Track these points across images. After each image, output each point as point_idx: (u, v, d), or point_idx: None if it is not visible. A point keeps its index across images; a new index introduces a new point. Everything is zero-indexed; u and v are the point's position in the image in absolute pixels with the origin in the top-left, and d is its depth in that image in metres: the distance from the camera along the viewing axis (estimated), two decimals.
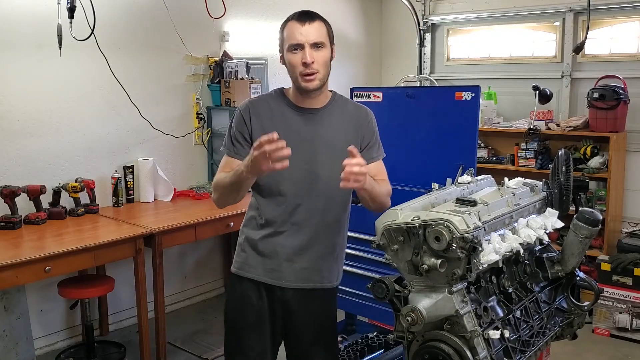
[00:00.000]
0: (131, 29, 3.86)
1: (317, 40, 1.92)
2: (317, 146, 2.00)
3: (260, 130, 1.95)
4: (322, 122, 2.02)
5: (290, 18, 1.97)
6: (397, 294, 1.66)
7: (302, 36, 1.91)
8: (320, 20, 1.96)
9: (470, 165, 2.78)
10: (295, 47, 1.92)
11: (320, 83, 1.95)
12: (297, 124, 2.01)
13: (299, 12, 1.97)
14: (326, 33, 1.96)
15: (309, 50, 1.91)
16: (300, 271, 2.04)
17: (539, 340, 1.82)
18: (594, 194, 4.33)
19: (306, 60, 1.90)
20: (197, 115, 4.28)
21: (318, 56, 1.92)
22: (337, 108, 2.06)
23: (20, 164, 3.43)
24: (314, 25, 1.93)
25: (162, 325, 3.45)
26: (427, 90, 4.66)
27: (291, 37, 1.93)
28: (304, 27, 1.91)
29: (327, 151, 1.99)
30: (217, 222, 3.67)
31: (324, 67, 1.95)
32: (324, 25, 1.97)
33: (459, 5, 5.30)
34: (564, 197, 2.01)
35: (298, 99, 2.02)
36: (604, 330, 3.94)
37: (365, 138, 2.07)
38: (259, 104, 2.06)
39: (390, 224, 1.64)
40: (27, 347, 3.32)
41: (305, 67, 1.91)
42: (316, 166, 1.99)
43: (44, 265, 2.85)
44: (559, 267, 1.92)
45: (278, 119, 2.01)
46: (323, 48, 1.94)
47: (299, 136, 1.99)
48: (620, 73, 4.32)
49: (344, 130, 2.03)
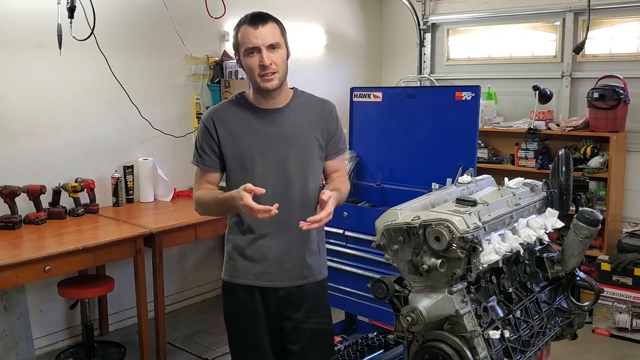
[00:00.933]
0: (131, 29, 3.86)
1: (272, 41, 1.96)
2: (285, 146, 2.03)
3: (227, 137, 2.03)
4: (287, 121, 2.05)
5: (243, 22, 1.99)
6: (397, 294, 1.66)
7: (258, 39, 1.94)
8: (273, 21, 1.99)
9: (470, 165, 2.78)
10: (251, 50, 1.95)
11: (279, 82, 2.00)
12: (262, 127, 2.03)
13: (251, 15, 1.99)
14: (280, 33, 2.00)
15: (265, 52, 1.94)
16: (291, 270, 2.07)
17: (539, 340, 1.82)
18: (594, 194, 4.33)
19: (264, 63, 1.94)
20: (197, 115, 4.28)
21: (275, 57, 1.96)
22: (300, 105, 2.09)
23: (20, 164, 3.43)
24: (268, 27, 1.96)
25: (162, 325, 3.45)
26: (427, 90, 4.66)
27: (246, 41, 1.95)
28: (258, 30, 1.94)
29: (296, 149, 2.04)
30: (217, 222, 3.66)
31: (282, 66, 1.99)
32: (277, 26, 2.00)
33: (459, 5, 5.30)
34: (564, 197, 2.01)
35: (260, 100, 2.05)
36: (604, 330, 3.93)
37: (330, 131, 2.11)
38: (222, 112, 2.08)
39: (390, 224, 1.64)
40: (27, 347, 3.32)
41: (263, 69, 1.95)
42: (287, 165, 2.03)
43: (44, 265, 2.85)
44: (559, 267, 1.92)
45: (243, 124, 2.04)
46: (279, 48, 1.98)
47: (267, 138, 2.03)
48: (620, 73, 4.32)
49: (309, 126, 2.07)
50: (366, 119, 3.29)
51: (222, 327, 3.99)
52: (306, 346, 2.12)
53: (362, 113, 3.29)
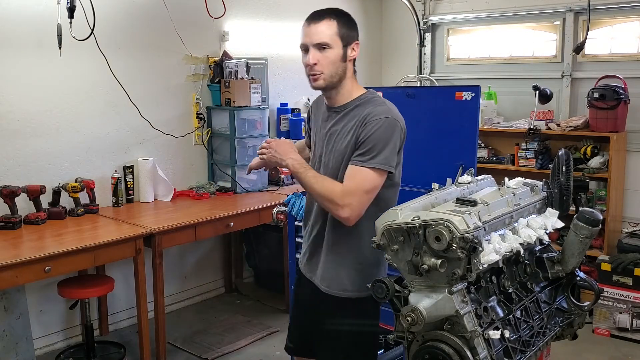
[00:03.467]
0: (131, 29, 3.86)
1: (320, 41, 1.89)
2: (329, 144, 2.03)
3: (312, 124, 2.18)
4: (338, 121, 2.00)
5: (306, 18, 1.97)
6: (397, 294, 1.66)
7: (307, 37, 1.92)
8: (331, 19, 1.91)
9: (470, 165, 2.78)
10: (303, 47, 1.95)
11: (325, 83, 1.94)
12: (323, 121, 2.07)
13: (313, 12, 1.96)
14: (335, 32, 1.90)
15: (312, 51, 1.91)
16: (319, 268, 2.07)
17: (539, 340, 1.82)
18: (594, 194, 4.33)
19: (307, 62, 1.91)
20: (197, 115, 4.28)
21: (322, 57, 1.90)
22: (355, 109, 1.96)
23: (20, 164, 3.43)
24: (321, 25, 1.90)
25: (162, 326, 3.45)
26: (427, 90, 4.65)
27: (301, 38, 1.95)
28: (310, 27, 1.91)
29: (334, 150, 2.00)
30: (217, 222, 3.66)
31: (329, 67, 1.91)
32: (335, 24, 1.91)
33: (459, 5, 5.30)
34: (564, 197, 2.01)
35: (326, 97, 2.07)
36: (604, 330, 3.93)
37: (358, 140, 1.90)
38: (317, 100, 2.18)
39: (390, 224, 1.64)
40: (26, 347, 3.32)
41: (309, 69, 1.92)
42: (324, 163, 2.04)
43: (44, 265, 2.85)
44: (559, 267, 1.92)
45: (318, 115, 2.13)
46: (328, 49, 1.90)
47: (320, 132, 2.07)
48: (620, 73, 4.32)
49: (349, 133, 1.94)
50: None
51: (222, 327, 4.03)
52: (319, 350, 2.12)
53: None
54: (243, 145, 4.28)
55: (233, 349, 3.73)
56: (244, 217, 3.79)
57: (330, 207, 1.88)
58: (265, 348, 3.76)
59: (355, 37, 1.97)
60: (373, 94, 2.01)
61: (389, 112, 1.91)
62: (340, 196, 1.84)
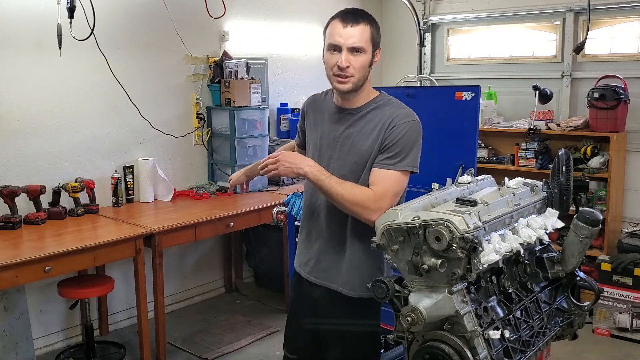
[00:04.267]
0: (131, 29, 3.86)
1: (355, 45, 1.88)
2: (341, 146, 2.00)
3: (308, 124, 2.12)
4: (355, 123, 1.98)
5: (337, 15, 1.92)
6: (397, 294, 1.66)
7: (342, 38, 1.87)
8: (366, 23, 1.90)
9: (470, 165, 2.78)
10: (333, 47, 1.90)
11: (353, 86, 1.92)
12: (332, 123, 2.04)
13: (346, 11, 1.92)
14: (369, 37, 1.91)
15: (345, 54, 1.87)
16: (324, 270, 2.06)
17: (539, 340, 1.82)
18: (594, 194, 4.33)
19: (341, 64, 1.88)
20: (197, 115, 4.28)
21: (355, 61, 1.89)
22: (373, 111, 1.97)
23: (20, 164, 3.42)
24: (357, 28, 1.88)
25: (162, 326, 3.45)
26: (427, 90, 4.66)
27: (331, 37, 1.90)
28: (346, 29, 1.87)
29: (349, 152, 1.98)
30: (217, 222, 3.66)
31: (360, 71, 1.90)
32: (369, 29, 1.91)
33: (459, 5, 5.30)
34: (564, 197, 2.01)
35: (338, 98, 2.03)
36: (604, 330, 3.93)
37: (383, 143, 1.91)
38: (315, 99, 2.16)
39: (390, 224, 1.64)
40: (26, 347, 3.32)
41: (340, 70, 1.89)
42: (334, 164, 2.00)
43: (44, 265, 2.85)
44: (559, 267, 1.92)
45: (321, 115, 2.09)
46: (362, 53, 1.89)
47: (329, 134, 2.03)
48: (620, 73, 4.32)
49: (369, 136, 1.94)
50: None
51: (222, 327, 4.03)
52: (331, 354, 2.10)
53: None
54: (243, 145, 4.28)
55: (233, 349, 3.73)
56: (244, 217, 3.79)
57: (359, 212, 1.86)
58: (265, 348, 3.76)
59: (379, 43, 1.98)
60: (387, 96, 2.02)
61: (412, 115, 1.95)
62: (372, 201, 1.84)
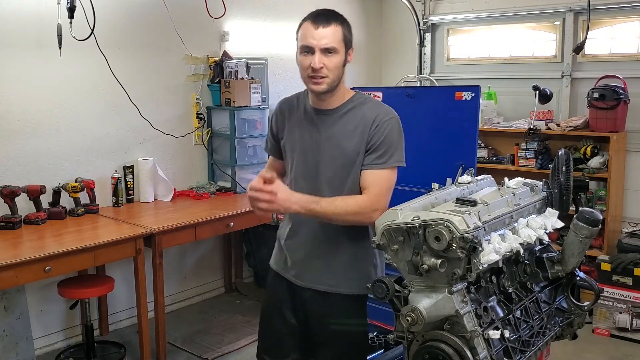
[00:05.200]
0: (131, 29, 3.86)
1: (328, 45, 1.88)
2: (325, 148, 1.99)
3: (283, 129, 2.08)
4: (333, 123, 1.99)
5: (307, 17, 1.93)
6: (397, 294, 1.66)
7: (314, 40, 1.88)
8: (338, 24, 1.91)
9: (470, 165, 2.78)
10: (306, 49, 1.90)
11: (328, 87, 1.93)
12: (310, 125, 2.03)
13: (316, 13, 1.92)
14: (341, 38, 1.91)
15: (319, 55, 1.88)
16: (312, 272, 2.05)
17: (539, 340, 1.82)
18: (594, 194, 4.33)
19: (314, 66, 1.88)
20: (197, 115, 4.28)
21: (328, 61, 1.90)
22: (351, 110, 1.99)
23: (20, 164, 3.42)
24: (329, 29, 1.88)
25: (162, 325, 3.45)
26: (427, 90, 4.66)
27: (303, 39, 1.91)
28: (318, 30, 1.88)
29: (334, 154, 1.98)
30: (217, 222, 3.66)
31: (334, 72, 1.92)
32: (341, 29, 1.92)
33: (459, 5, 5.30)
34: (564, 197, 2.01)
35: (314, 99, 2.03)
36: (604, 330, 3.93)
37: (369, 143, 1.95)
38: (286, 104, 2.13)
39: (390, 224, 1.64)
40: (26, 347, 3.32)
41: (313, 72, 1.90)
42: (319, 170, 2.00)
43: (44, 265, 2.85)
44: (559, 267, 1.92)
45: (296, 118, 2.07)
46: (335, 53, 1.90)
47: (310, 137, 2.02)
48: (620, 73, 4.32)
49: (351, 135, 1.96)
50: None
51: (222, 327, 4.03)
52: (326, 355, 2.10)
53: None
54: (243, 145, 4.28)
55: (233, 349, 3.73)
56: (244, 217, 3.78)
57: (360, 220, 1.91)
58: None
59: (352, 42, 1.99)
60: (362, 95, 2.06)
61: (392, 112, 1.99)
62: (369, 204, 1.89)
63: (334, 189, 1.98)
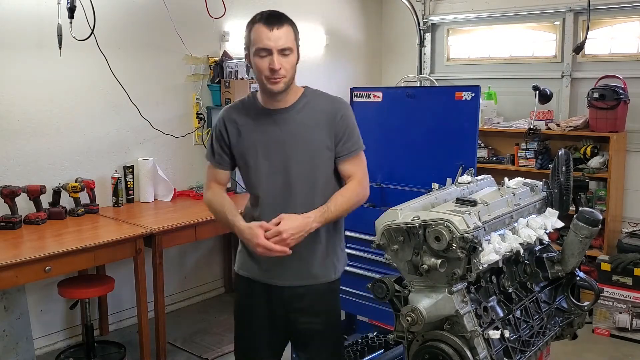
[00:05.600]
0: (131, 29, 3.86)
1: (285, 46, 1.93)
2: (290, 145, 2.02)
3: (236, 136, 2.07)
4: (291, 122, 2.03)
5: (258, 19, 1.96)
6: (397, 294, 1.66)
7: (271, 42, 1.92)
8: (289, 24, 1.97)
9: (470, 165, 2.78)
10: (262, 51, 1.93)
11: (285, 86, 1.98)
12: (266, 127, 2.04)
13: (267, 14, 1.96)
14: (293, 38, 1.98)
15: (276, 56, 1.92)
16: (294, 270, 2.06)
17: (539, 340, 1.83)
18: (594, 194, 4.33)
19: (274, 67, 1.92)
20: (197, 115, 4.28)
21: (285, 62, 1.94)
22: (307, 105, 2.05)
23: (20, 164, 3.42)
24: (283, 30, 1.93)
25: (162, 325, 3.45)
26: (427, 90, 4.65)
27: (258, 41, 1.93)
28: (272, 32, 1.92)
29: (301, 149, 2.02)
30: (217, 222, 3.64)
31: (290, 71, 1.97)
32: (292, 30, 1.98)
33: (459, 5, 5.30)
34: (564, 197, 2.01)
35: (266, 100, 2.05)
36: (604, 330, 3.93)
37: (338, 134, 2.03)
38: (233, 111, 2.12)
39: (390, 224, 1.64)
40: (27, 347, 3.32)
41: (272, 72, 1.93)
42: (289, 167, 2.02)
43: (44, 265, 2.85)
44: (559, 267, 1.92)
45: (249, 123, 2.07)
46: (290, 53, 1.96)
47: (270, 138, 2.03)
48: (620, 73, 4.32)
49: (315, 127, 2.03)
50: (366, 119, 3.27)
51: (222, 327, 4.03)
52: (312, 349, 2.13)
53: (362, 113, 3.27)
54: None
55: (233, 349, 3.72)
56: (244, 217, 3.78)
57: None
58: None
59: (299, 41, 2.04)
60: (310, 88, 2.12)
61: (344, 100, 2.12)
62: (362, 189, 2.05)
63: (306, 181, 2.02)
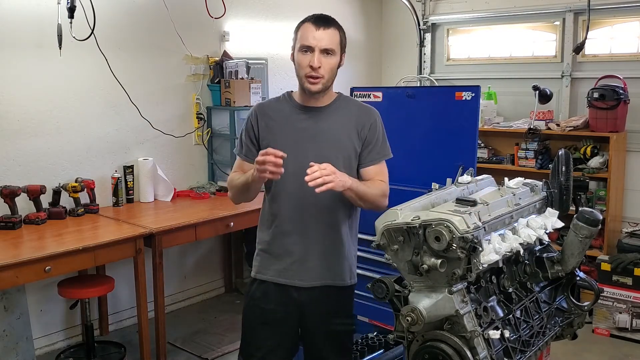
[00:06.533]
0: (131, 29, 3.86)
1: (327, 46, 1.99)
2: (321, 141, 2.06)
3: (266, 130, 2.10)
4: (326, 118, 2.08)
5: (308, 19, 2.03)
6: (397, 294, 1.66)
7: (315, 40, 1.98)
8: (336, 28, 2.03)
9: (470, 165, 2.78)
10: (306, 48, 1.99)
11: (323, 87, 2.02)
12: (300, 121, 2.09)
13: (317, 16, 2.03)
14: (338, 41, 2.03)
15: (318, 55, 1.98)
16: (312, 270, 2.08)
17: (539, 340, 1.82)
18: (594, 194, 4.33)
19: (313, 64, 1.97)
20: (197, 115, 4.28)
21: (326, 62, 1.99)
22: (340, 107, 2.12)
23: (20, 164, 3.42)
24: (328, 31, 1.99)
25: (162, 325, 3.45)
26: (427, 90, 4.66)
27: (304, 39, 2.00)
28: (318, 31, 1.98)
29: (331, 145, 2.06)
30: (217, 222, 3.66)
31: (329, 73, 2.02)
32: (338, 33, 2.03)
33: (459, 5, 5.30)
34: (564, 197, 2.01)
35: (303, 98, 2.10)
36: (604, 330, 3.94)
37: (367, 140, 2.09)
38: (266, 106, 2.18)
39: (390, 224, 1.64)
40: (27, 347, 3.32)
41: (312, 70, 1.98)
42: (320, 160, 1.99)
43: (44, 265, 2.85)
44: (559, 267, 1.92)
45: (282, 119, 2.11)
46: (332, 55, 2.01)
47: (303, 132, 2.07)
48: (620, 73, 4.32)
49: (346, 126, 2.08)
50: None
51: (222, 327, 4.03)
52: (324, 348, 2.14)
53: None
54: None
55: (233, 349, 3.73)
56: (244, 217, 3.78)
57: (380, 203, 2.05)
58: None
59: (345, 48, 2.10)
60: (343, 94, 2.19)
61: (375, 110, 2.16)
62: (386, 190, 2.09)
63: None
